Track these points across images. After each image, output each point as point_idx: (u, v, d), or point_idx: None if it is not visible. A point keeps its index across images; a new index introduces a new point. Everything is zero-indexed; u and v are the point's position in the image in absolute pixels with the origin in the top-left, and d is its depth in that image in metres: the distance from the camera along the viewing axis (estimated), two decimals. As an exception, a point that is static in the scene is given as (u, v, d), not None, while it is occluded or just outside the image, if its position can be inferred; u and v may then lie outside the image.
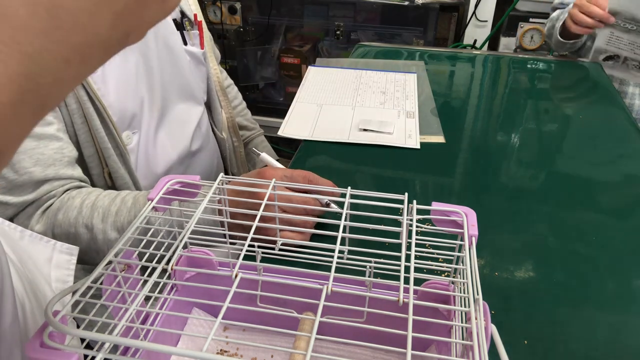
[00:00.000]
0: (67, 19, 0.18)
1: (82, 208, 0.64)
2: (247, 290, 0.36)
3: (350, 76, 1.13)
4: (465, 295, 0.35)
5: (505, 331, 0.52)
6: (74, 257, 0.47)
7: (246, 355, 0.47)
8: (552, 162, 0.84)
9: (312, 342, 0.29)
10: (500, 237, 0.66)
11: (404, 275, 0.35)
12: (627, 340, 0.52)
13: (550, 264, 0.61)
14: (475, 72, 1.22)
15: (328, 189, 0.57)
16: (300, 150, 0.86)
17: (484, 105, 1.05)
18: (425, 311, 0.40)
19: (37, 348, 0.30)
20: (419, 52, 1.31)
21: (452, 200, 0.74)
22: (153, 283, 0.36)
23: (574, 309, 0.55)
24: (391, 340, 0.32)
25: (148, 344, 0.28)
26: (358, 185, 0.77)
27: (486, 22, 1.88)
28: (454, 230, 0.41)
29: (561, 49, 1.37)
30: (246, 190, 0.47)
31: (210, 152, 0.98)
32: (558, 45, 1.35)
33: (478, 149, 0.88)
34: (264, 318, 0.38)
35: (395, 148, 0.85)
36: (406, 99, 1.02)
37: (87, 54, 0.20)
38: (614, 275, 0.60)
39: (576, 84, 1.17)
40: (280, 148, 2.03)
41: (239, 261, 0.37)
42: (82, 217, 0.64)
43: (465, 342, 0.33)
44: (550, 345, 0.51)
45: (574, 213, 0.71)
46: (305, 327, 0.42)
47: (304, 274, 0.44)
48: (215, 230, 0.44)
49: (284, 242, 0.45)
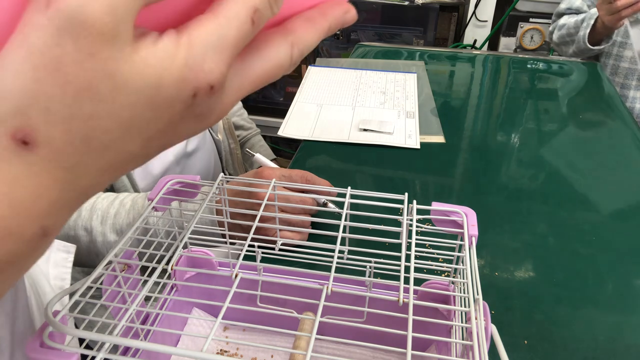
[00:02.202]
0: (99, 145, 0.20)
1: (81, 211, 0.64)
2: (247, 290, 0.36)
3: (350, 76, 1.13)
4: (465, 295, 0.35)
5: (505, 331, 0.52)
6: (71, 254, 0.47)
7: (246, 355, 0.47)
8: (552, 162, 0.84)
9: (312, 342, 0.29)
10: (500, 237, 0.66)
11: (404, 275, 0.35)
12: (627, 340, 0.52)
13: (550, 264, 0.61)
14: (475, 72, 1.22)
15: (326, 189, 0.57)
16: (300, 150, 0.86)
17: (484, 105, 1.05)
18: (425, 311, 0.40)
19: (37, 348, 0.30)
20: (419, 52, 1.31)
21: (452, 200, 0.74)
22: (153, 283, 0.36)
23: (574, 309, 0.55)
24: (391, 340, 0.32)
25: (148, 344, 0.28)
26: (358, 185, 0.77)
27: (486, 22, 1.88)
28: (454, 230, 0.41)
29: (582, 55, 1.35)
30: (245, 190, 0.47)
31: (207, 153, 0.98)
32: (582, 51, 1.32)
33: (478, 149, 0.88)
34: (264, 318, 0.38)
35: (395, 148, 0.85)
36: (406, 99, 1.02)
37: (121, 167, 0.21)
38: (614, 275, 0.60)
39: (576, 84, 1.17)
40: (280, 148, 2.03)
41: (239, 261, 0.37)
42: (81, 219, 0.64)
43: (465, 342, 0.33)
44: (550, 345, 0.51)
45: (574, 213, 0.71)
46: (305, 327, 0.42)
47: (304, 274, 0.44)
48: (215, 230, 0.44)
49: (284, 242, 0.45)
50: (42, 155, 0.19)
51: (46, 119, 0.18)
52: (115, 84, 0.18)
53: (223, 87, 0.21)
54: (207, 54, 0.20)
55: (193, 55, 0.19)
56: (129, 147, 0.20)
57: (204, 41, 0.20)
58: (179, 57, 0.19)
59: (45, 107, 0.18)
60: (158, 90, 0.19)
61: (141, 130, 0.20)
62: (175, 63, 0.19)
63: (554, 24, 1.44)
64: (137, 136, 0.20)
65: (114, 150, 0.20)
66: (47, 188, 0.19)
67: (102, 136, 0.19)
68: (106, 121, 0.19)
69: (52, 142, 0.19)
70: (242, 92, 0.22)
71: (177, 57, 0.19)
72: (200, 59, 0.19)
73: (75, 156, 0.19)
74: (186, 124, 0.21)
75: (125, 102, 0.19)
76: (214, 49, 0.20)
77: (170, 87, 0.19)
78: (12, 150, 0.18)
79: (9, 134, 0.18)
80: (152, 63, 0.19)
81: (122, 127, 0.20)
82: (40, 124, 0.18)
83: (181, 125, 0.21)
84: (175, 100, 0.20)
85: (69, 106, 0.18)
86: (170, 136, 0.22)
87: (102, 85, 0.18)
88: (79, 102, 0.18)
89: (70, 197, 0.21)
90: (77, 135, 0.19)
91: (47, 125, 0.18)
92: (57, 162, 0.19)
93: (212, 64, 0.20)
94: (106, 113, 0.19)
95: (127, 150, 0.21)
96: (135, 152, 0.21)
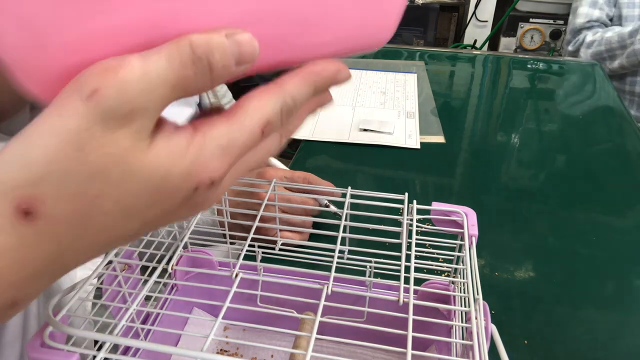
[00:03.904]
0: (96, 225, 0.20)
1: None
2: (247, 290, 0.36)
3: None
4: (465, 295, 0.35)
5: (505, 331, 0.52)
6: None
7: (246, 355, 0.47)
8: (552, 162, 0.84)
9: (312, 342, 0.29)
10: (500, 237, 0.66)
11: (404, 275, 0.35)
12: (627, 340, 0.52)
13: (550, 264, 0.61)
14: (475, 72, 1.22)
15: (327, 189, 0.57)
16: (300, 150, 0.86)
17: (484, 105, 1.05)
18: (425, 311, 0.40)
19: (38, 348, 0.30)
20: (419, 52, 1.31)
21: (452, 200, 0.74)
22: (153, 283, 0.36)
23: (574, 309, 0.55)
24: (391, 340, 0.32)
25: (148, 344, 0.28)
26: (358, 185, 0.77)
27: (486, 22, 1.88)
28: (454, 230, 0.41)
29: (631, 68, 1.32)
30: (246, 190, 0.47)
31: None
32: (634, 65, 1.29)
33: (478, 149, 0.88)
34: (264, 318, 0.38)
35: (395, 148, 0.85)
36: (406, 99, 1.02)
37: (111, 246, 0.22)
38: (614, 275, 0.60)
39: (576, 84, 1.17)
40: (280, 148, 2.03)
41: (239, 261, 0.37)
42: None
43: (465, 342, 0.33)
44: (550, 345, 0.51)
45: (574, 213, 0.71)
46: (305, 327, 0.42)
47: (304, 274, 0.44)
48: (215, 230, 0.44)
49: (284, 242, 0.45)
50: (38, 228, 0.19)
51: (55, 193, 0.19)
52: (125, 171, 0.19)
53: (222, 181, 0.22)
54: (214, 154, 0.21)
55: (203, 154, 0.21)
56: (125, 229, 0.21)
57: (214, 142, 0.21)
58: (189, 154, 0.20)
59: (57, 181, 0.19)
60: (164, 182, 0.20)
61: (140, 216, 0.21)
62: (185, 159, 0.20)
63: (575, 41, 1.40)
64: (135, 220, 0.21)
65: (110, 230, 0.21)
66: (33, 260, 0.20)
67: (101, 217, 0.20)
68: (109, 204, 0.20)
69: (53, 216, 0.19)
70: (234, 182, 0.24)
71: (187, 153, 0.20)
72: (208, 158, 0.21)
73: (71, 233, 0.20)
74: (183, 211, 0.22)
75: (131, 189, 0.20)
76: (222, 150, 0.21)
77: (175, 180, 0.20)
78: (11, 219, 0.19)
79: (15, 201, 0.19)
80: (163, 156, 0.20)
81: (122, 211, 0.20)
82: (47, 197, 0.19)
83: (178, 212, 0.22)
84: (178, 192, 0.21)
85: (80, 184, 0.19)
86: (166, 220, 0.23)
87: (114, 170, 0.19)
88: (90, 183, 0.19)
89: (51, 271, 0.21)
90: (79, 213, 0.20)
91: (53, 199, 0.19)
92: (51, 235, 0.20)
93: (218, 164, 0.21)
94: (111, 196, 0.20)
95: (122, 232, 0.21)
96: (130, 234, 0.22)
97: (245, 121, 0.21)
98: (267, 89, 0.22)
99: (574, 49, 1.42)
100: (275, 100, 0.22)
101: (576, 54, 1.41)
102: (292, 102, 0.22)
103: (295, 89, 0.22)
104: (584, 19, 1.36)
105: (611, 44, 1.31)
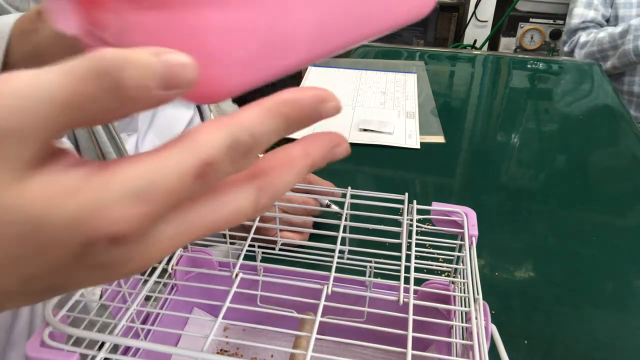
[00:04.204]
0: None
1: None
2: (247, 290, 0.36)
3: (350, 76, 1.13)
4: (465, 295, 0.35)
5: (505, 331, 0.52)
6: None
7: (246, 355, 0.47)
8: (552, 162, 0.84)
9: (312, 342, 0.29)
10: (500, 237, 0.66)
11: (404, 275, 0.35)
12: (627, 340, 0.52)
13: (550, 264, 0.61)
14: (475, 72, 1.22)
15: (328, 189, 0.57)
16: (300, 150, 0.85)
17: (484, 106, 1.05)
18: (425, 311, 0.40)
19: (38, 347, 0.30)
20: (419, 52, 1.31)
21: (452, 200, 0.74)
22: (153, 283, 0.36)
23: (574, 309, 0.55)
24: (391, 340, 0.32)
25: (148, 344, 0.28)
26: (358, 185, 0.77)
27: (486, 22, 1.88)
28: (454, 230, 0.41)
29: (624, 69, 1.32)
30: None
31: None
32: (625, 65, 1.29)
33: (478, 149, 0.88)
34: (264, 318, 0.38)
35: (395, 148, 0.85)
36: (406, 99, 1.02)
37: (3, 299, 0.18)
38: (614, 275, 0.60)
39: (576, 84, 1.17)
40: (280, 148, 2.03)
41: (239, 261, 0.37)
42: None
43: (465, 342, 0.33)
44: (550, 345, 0.51)
45: (574, 213, 0.71)
46: (305, 327, 0.42)
47: (304, 274, 0.44)
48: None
49: (284, 242, 0.45)
50: None
51: None
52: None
53: (142, 237, 0.17)
54: (119, 201, 0.16)
55: (100, 199, 0.16)
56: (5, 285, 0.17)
57: (124, 184, 0.16)
58: (78, 197, 0.16)
59: None
60: (40, 229, 0.16)
61: (13, 268, 0.17)
62: (69, 203, 0.16)
63: (570, 42, 1.41)
64: (10, 274, 0.17)
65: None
66: None
67: None
68: None
69: None
70: (183, 241, 0.18)
71: (76, 196, 0.16)
72: (109, 204, 0.16)
73: None
74: (83, 272, 0.18)
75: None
76: (135, 196, 0.16)
77: (54, 230, 0.16)
78: None
79: None
80: (39, 196, 0.16)
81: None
82: None
83: (76, 272, 0.18)
84: (63, 245, 0.16)
85: None
86: (62, 279, 0.18)
87: None
88: None
89: None
90: None
91: None
92: None
93: (126, 213, 0.16)
94: None
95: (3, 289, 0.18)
96: (11, 290, 0.18)
97: (173, 160, 0.16)
98: (216, 120, 0.17)
99: (569, 50, 1.42)
100: (223, 135, 0.17)
101: (571, 54, 1.42)
102: (250, 139, 0.17)
103: (253, 121, 0.18)
104: (579, 19, 1.37)
105: (603, 45, 1.31)
